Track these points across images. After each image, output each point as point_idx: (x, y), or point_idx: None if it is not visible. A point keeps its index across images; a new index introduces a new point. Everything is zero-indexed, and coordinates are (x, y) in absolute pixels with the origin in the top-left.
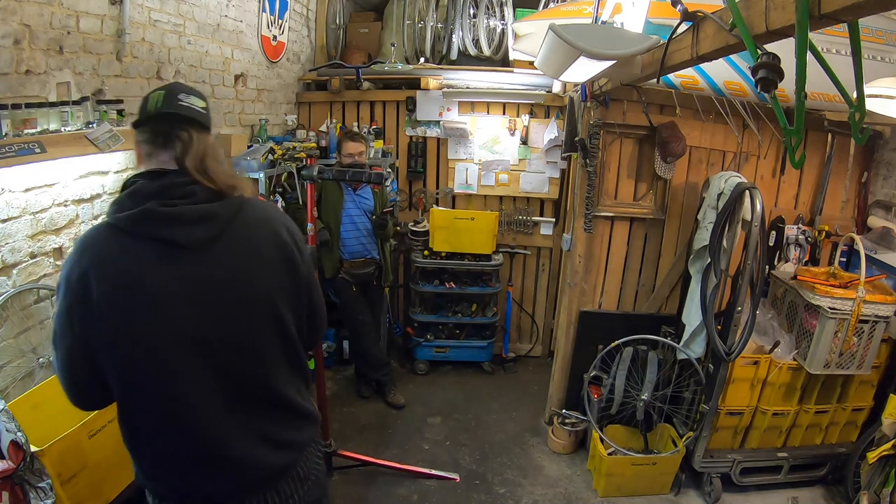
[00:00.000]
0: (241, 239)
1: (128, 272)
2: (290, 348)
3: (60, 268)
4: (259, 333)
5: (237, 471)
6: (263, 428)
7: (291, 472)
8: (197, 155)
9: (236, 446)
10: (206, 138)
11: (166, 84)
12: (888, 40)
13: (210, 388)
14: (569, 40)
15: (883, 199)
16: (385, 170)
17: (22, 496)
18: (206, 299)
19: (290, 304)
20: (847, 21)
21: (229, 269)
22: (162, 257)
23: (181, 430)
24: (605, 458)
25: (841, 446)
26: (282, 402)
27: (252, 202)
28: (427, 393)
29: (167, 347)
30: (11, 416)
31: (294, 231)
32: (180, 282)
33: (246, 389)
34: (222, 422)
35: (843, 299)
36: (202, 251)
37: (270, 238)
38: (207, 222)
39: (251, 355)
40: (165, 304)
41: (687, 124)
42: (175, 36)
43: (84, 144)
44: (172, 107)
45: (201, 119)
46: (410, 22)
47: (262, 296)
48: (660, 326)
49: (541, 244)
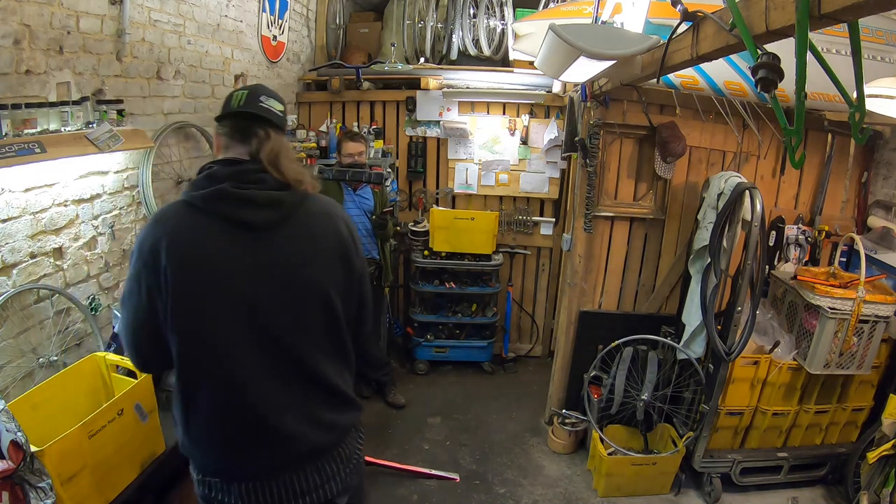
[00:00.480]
0: (302, 227)
1: (196, 245)
2: (337, 336)
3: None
4: (310, 317)
5: (282, 444)
6: (309, 407)
7: (333, 453)
8: (271, 150)
9: (283, 420)
10: (280, 137)
11: (250, 85)
12: (888, 40)
13: (263, 363)
14: (569, 40)
15: (883, 199)
16: (385, 170)
17: (22, 496)
18: (265, 277)
19: (342, 294)
20: (847, 21)
21: (289, 253)
22: (229, 234)
23: (233, 399)
24: (605, 458)
25: (841, 446)
26: (327, 386)
27: (317, 197)
28: (427, 393)
29: (226, 320)
30: (11, 416)
31: (352, 227)
32: (243, 258)
33: (295, 368)
34: (272, 395)
35: (843, 299)
36: (266, 232)
37: (330, 230)
38: (274, 207)
39: (301, 337)
40: (227, 278)
41: (687, 124)
42: (175, 36)
43: (84, 144)
44: (253, 107)
45: (277, 121)
46: (410, 22)
47: (316, 282)
48: (660, 326)
49: (541, 244)
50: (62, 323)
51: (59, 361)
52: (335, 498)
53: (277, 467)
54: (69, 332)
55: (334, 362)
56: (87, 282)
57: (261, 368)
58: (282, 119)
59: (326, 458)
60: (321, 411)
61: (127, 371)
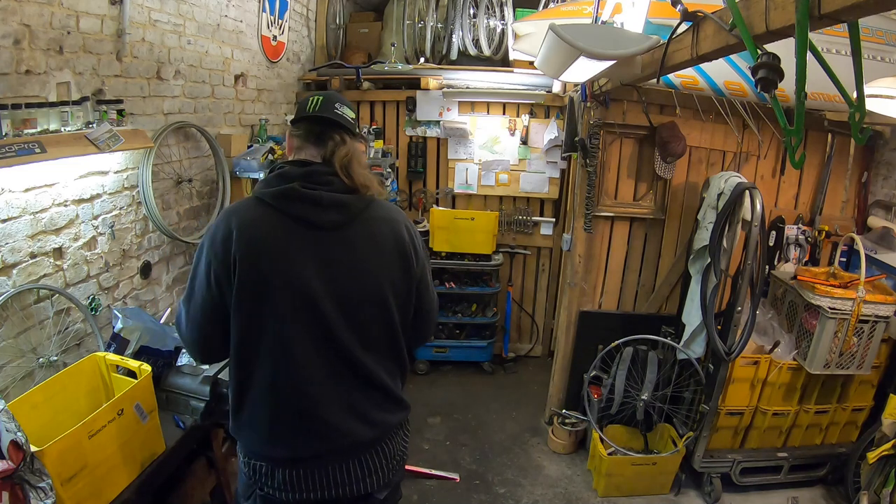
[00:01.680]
0: (366, 230)
1: (264, 239)
2: (391, 338)
3: (206, 229)
4: (367, 318)
5: (327, 435)
6: (357, 402)
7: (377, 447)
8: (345, 155)
9: (331, 410)
10: (353, 143)
11: (325, 91)
12: (888, 40)
13: (316, 353)
14: (569, 40)
15: (883, 199)
16: (385, 170)
17: (22, 496)
18: (327, 277)
19: (399, 297)
20: (847, 21)
21: (351, 253)
22: (296, 231)
23: (285, 385)
24: (605, 458)
25: (841, 446)
26: (376, 384)
27: (381, 203)
28: (427, 393)
29: (286, 312)
30: (11, 416)
31: (415, 234)
32: (307, 256)
33: (349, 366)
34: (322, 385)
35: (843, 299)
36: (331, 233)
37: (391, 235)
38: (339, 209)
39: (357, 336)
40: (291, 273)
41: (687, 124)
42: (175, 36)
43: (84, 144)
44: (328, 112)
45: (350, 127)
46: (410, 22)
47: (374, 283)
48: (660, 326)
49: (541, 244)
50: (62, 323)
51: (59, 361)
52: (375, 492)
53: (320, 456)
54: (69, 332)
55: (386, 363)
56: (87, 282)
57: (315, 361)
58: (353, 126)
59: (370, 452)
60: (369, 409)
61: (127, 371)
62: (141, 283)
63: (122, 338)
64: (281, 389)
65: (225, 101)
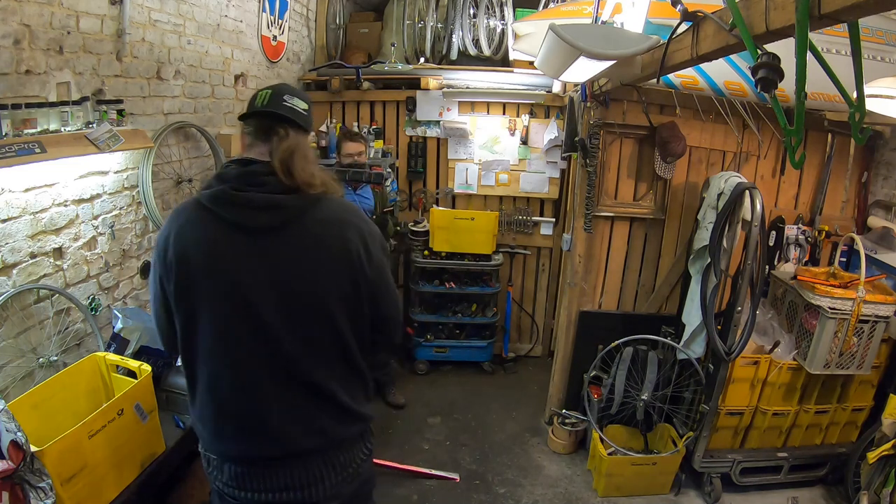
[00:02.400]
0: (306, 232)
1: (197, 243)
2: (342, 347)
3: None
4: (308, 324)
5: (270, 437)
6: (304, 410)
7: (325, 457)
8: (285, 150)
9: (275, 416)
10: (300, 137)
11: (274, 84)
12: (888, 40)
13: (257, 360)
14: (569, 40)
15: (883, 199)
16: (385, 170)
17: (22, 496)
18: (263, 282)
19: (347, 303)
20: (847, 21)
21: (288, 257)
22: (230, 235)
23: (225, 388)
24: (605, 458)
25: (841, 446)
26: (326, 394)
27: (331, 202)
28: (427, 393)
29: (221, 316)
30: (11, 416)
31: (368, 235)
32: (241, 260)
33: (290, 371)
34: (263, 391)
35: (843, 299)
36: (266, 236)
37: (336, 237)
38: (273, 211)
39: (300, 342)
40: (224, 277)
41: (687, 124)
42: (175, 36)
43: (84, 144)
44: (276, 106)
45: (300, 120)
46: (410, 22)
47: (314, 289)
48: (660, 326)
49: (541, 244)
50: (62, 323)
51: (59, 361)
52: (323, 501)
53: (264, 458)
54: (69, 332)
55: (338, 373)
56: (87, 282)
57: (255, 367)
58: (305, 118)
59: (316, 460)
60: (317, 418)
61: (127, 371)
62: (141, 283)
63: (122, 338)
64: (221, 391)
65: (225, 101)
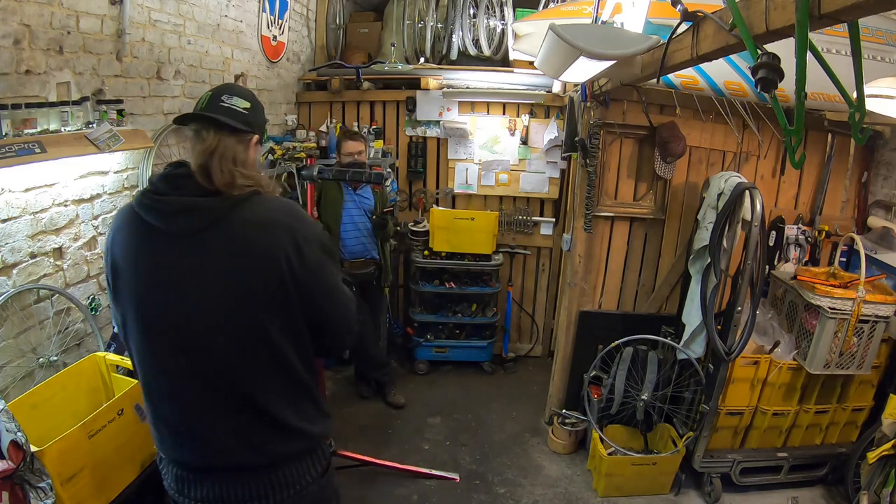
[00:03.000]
0: (231, 236)
1: (126, 246)
2: (277, 359)
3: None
4: (232, 333)
5: (207, 450)
6: (241, 425)
7: (265, 474)
8: (202, 152)
9: (210, 428)
10: (225, 138)
11: (220, 85)
12: (888, 40)
13: (186, 369)
14: (569, 40)
15: (883, 199)
16: (385, 170)
17: (22, 496)
18: (183, 286)
19: (278, 313)
20: (847, 21)
21: (209, 263)
22: (151, 239)
23: (158, 397)
24: (605, 458)
25: (841, 446)
26: (260, 409)
27: (262, 202)
28: (427, 393)
29: (146, 322)
30: (11, 416)
31: (301, 237)
32: (161, 265)
33: (221, 383)
34: (196, 401)
35: (843, 299)
36: (186, 240)
37: (261, 240)
38: (189, 214)
39: (224, 353)
40: (145, 282)
41: (687, 124)
42: (175, 36)
43: (84, 144)
44: (210, 107)
45: (235, 119)
46: (410, 22)
47: (238, 297)
48: (660, 326)
49: (541, 244)
50: (62, 323)
51: (59, 361)
52: None
53: (203, 469)
54: (69, 332)
55: (275, 387)
56: (87, 282)
57: (185, 379)
58: (245, 116)
59: (255, 477)
60: (254, 434)
61: (127, 371)
62: None
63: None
64: (154, 398)
65: None
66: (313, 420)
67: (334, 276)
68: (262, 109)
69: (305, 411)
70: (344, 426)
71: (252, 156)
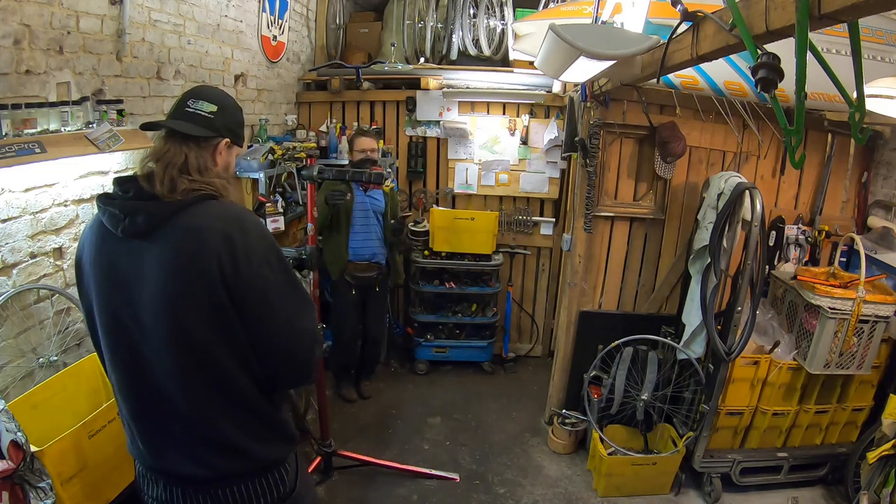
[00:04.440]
0: (166, 241)
1: (91, 244)
2: (214, 371)
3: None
4: (171, 347)
5: (151, 450)
6: (179, 431)
7: (211, 490)
8: (151, 157)
9: (157, 436)
10: (178, 146)
11: (191, 88)
12: (888, 40)
13: (139, 378)
14: (569, 40)
15: (883, 199)
16: (385, 170)
17: (22, 496)
18: (129, 288)
19: (213, 328)
20: (847, 21)
21: (148, 266)
22: (106, 239)
23: (123, 398)
24: (605, 458)
25: (841, 446)
26: (200, 420)
27: (201, 209)
28: (427, 393)
29: (102, 326)
30: (11, 416)
31: (239, 245)
32: (112, 265)
33: (164, 389)
34: (151, 411)
35: (843, 299)
36: (131, 242)
37: (192, 249)
38: (133, 216)
39: (165, 366)
40: (101, 281)
41: (687, 124)
42: (175, 36)
43: (84, 144)
44: (175, 113)
45: (193, 125)
46: (410, 22)
47: (169, 303)
48: (660, 326)
49: (541, 244)
50: (62, 323)
51: (59, 361)
52: None
53: (156, 469)
54: (69, 332)
55: (215, 401)
56: None
57: (139, 389)
58: (207, 121)
59: (202, 492)
60: (201, 448)
61: None
62: None
63: None
64: (120, 402)
65: None
66: (264, 441)
67: (280, 290)
68: (233, 110)
69: (254, 432)
70: (344, 426)
71: (222, 159)
